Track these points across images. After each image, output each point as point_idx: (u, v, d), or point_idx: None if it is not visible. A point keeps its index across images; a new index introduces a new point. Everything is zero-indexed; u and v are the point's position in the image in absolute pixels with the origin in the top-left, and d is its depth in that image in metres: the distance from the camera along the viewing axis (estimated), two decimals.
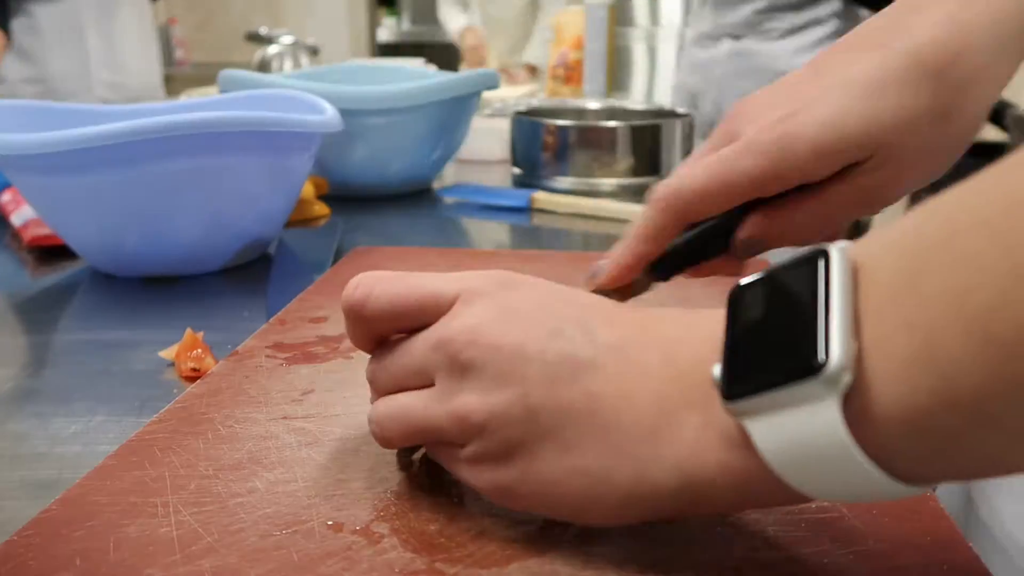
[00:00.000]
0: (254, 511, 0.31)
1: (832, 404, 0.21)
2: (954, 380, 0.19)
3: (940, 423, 0.20)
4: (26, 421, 0.43)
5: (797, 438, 0.22)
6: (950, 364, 0.19)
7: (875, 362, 0.21)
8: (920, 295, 0.20)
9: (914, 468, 0.22)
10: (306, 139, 0.69)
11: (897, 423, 0.21)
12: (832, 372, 0.21)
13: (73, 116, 0.72)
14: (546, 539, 0.29)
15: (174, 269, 0.66)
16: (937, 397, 0.20)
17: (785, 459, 0.23)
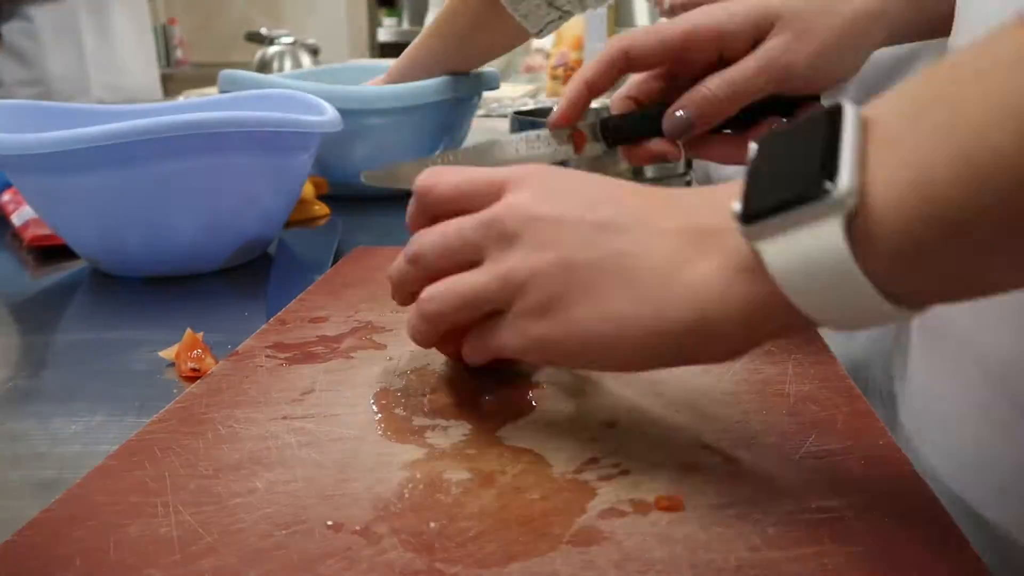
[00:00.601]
0: (254, 511, 0.31)
1: (836, 224, 0.24)
2: (938, 201, 0.22)
3: (925, 240, 0.23)
4: (26, 421, 0.43)
5: (804, 255, 0.25)
6: (936, 187, 0.22)
7: (876, 190, 0.24)
8: (916, 134, 0.24)
9: (903, 286, 0.25)
10: (306, 139, 0.69)
11: (890, 244, 0.24)
12: (840, 195, 0.24)
13: (73, 116, 0.72)
14: (546, 539, 0.29)
15: (174, 269, 0.66)
16: (924, 219, 0.23)
17: (792, 276, 0.26)
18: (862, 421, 0.37)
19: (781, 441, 0.35)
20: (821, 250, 0.25)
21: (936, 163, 0.23)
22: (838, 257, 0.25)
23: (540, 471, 0.33)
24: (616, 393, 0.41)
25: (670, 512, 0.30)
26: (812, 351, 0.45)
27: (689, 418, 0.38)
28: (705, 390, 0.41)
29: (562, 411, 0.39)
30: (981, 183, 0.22)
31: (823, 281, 0.25)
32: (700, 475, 0.33)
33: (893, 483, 0.32)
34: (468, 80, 0.97)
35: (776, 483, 0.32)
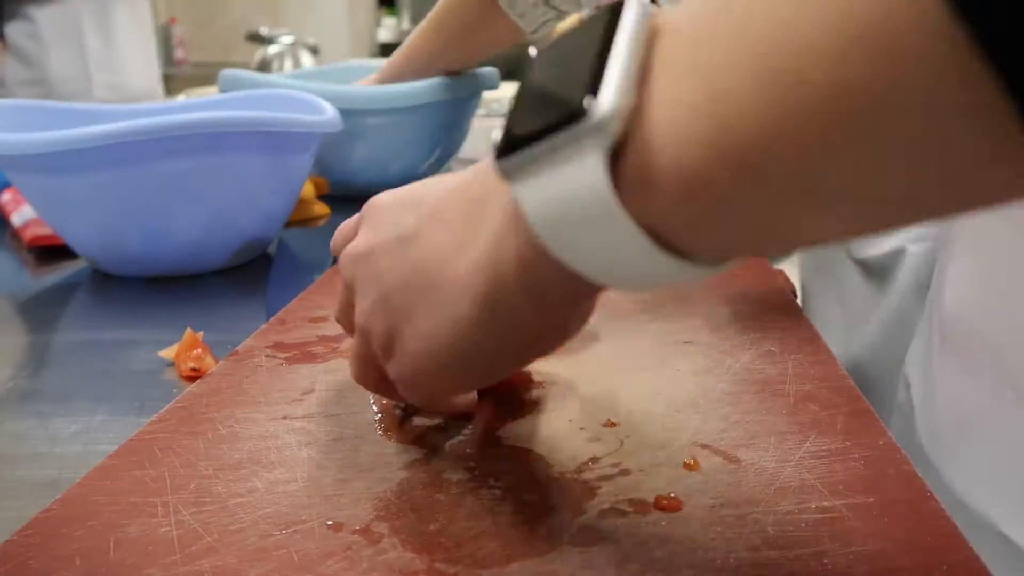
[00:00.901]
0: (254, 511, 0.31)
1: (596, 155, 0.19)
2: (729, 125, 0.18)
3: (712, 180, 0.18)
4: (26, 421, 0.43)
5: (560, 197, 0.20)
6: (727, 105, 0.18)
7: (658, 111, 0.19)
8: (713, 42, 0.18)
9: (687, 239, 0.20)
10: (306, 139, 0.69)
11: (670, 181, 0.19)
12: (599, 118, 0.19)
13: (73, 116, 0.72)
14: (546, 539, 0.29)
15: (174, 269, 0.66)
16: (711, 147, 0.18)
17: (550, 226, 0.21)
18: (862, 421, 0.37)
19: (781, 441, 0.35)
20: (578, 190, 0.20)
21: (725, 73, 0.18)
22: (599, 200, 0.20)
23: (540, 471, 0.33)
24: (616, 393, 0.41)
25: (670, 512, 0.30)
26: (812, 351, 0.45)
27: (689, 418, 0.38)
28: (705, 390, 0.41)
29: (562, 411, 0.39)
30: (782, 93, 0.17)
31: (586, 232, 0.21)
32: (700, 475, 0.33)
33: (893, 483, 0.32)
34: (468, 80, 0.97)
35: (776, 483, 0.32)
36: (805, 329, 0.48)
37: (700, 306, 0.53)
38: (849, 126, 0.16)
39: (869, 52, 0.15)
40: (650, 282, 0.22)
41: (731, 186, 0.18)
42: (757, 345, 0.46)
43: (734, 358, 0.44)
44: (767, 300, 0.53)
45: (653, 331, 0.49)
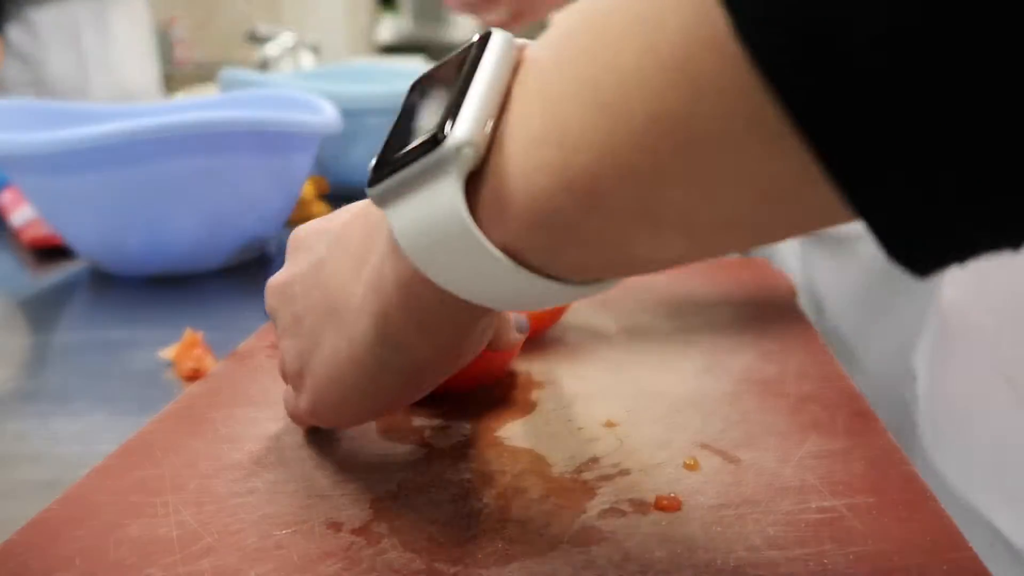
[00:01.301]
0: (254, 511, 0.31)
1: (452, 182, 0.20)
2: (572, 154, 0.18)
3: (559, 206, 0.19)
4: (26, 421, 0.43)
5: (423, 220, 0.21)
6: (569, 136, 0.18)
7: (512, 140, 0.20)
8: (559, 74, 0.19)
9: (545, 260, 0.21)
10: (306, 139, 0.69)
11: (522, 206, 0.20)
12: (451, 144, 0.20)
13: (73, 116, 0.72)
14: (546, 539, 0.29)
15: (174, 269, 0.66)
16: (557, 176, 0.19)
17: (417, 248, 0.22)
18: (862, 421, 0.37)
19: (781, 441, 0.35)
20: (438, 215, 0.21)
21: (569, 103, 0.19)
22: (457, 223, 0.21)
23: (540, 471, 0.33)
24: (616, 393, 0.41)
25: (670, 512, 0.30)
26: (812, 351, 0.45)
27: (689, 418, 0.38)
28: (705, 390, 0.41)
29: (562, 411, 0.39)
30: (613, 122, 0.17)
31: (449, 253, 0.21)
32: (700, 475, 0.33)
33: (893, 483, 0.32)
34: None
35: (776, 483, 0.32)
36: (805, 329, 0.48)
37: (700, 306, 0.53)
38: (669, 154, 0.17)
39: (675, 82, 0.16)
40: (525, 301, 0.23)
41: (576, 212, 0.19)
42: (757, 345, 0.46)
43: (734, 358, 0.44)
44: (767, 300, 0.54)
45: (653, 331, 0.49)
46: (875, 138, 0.14)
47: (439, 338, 0.27)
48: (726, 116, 0.16)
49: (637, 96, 0.17)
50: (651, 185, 0.18)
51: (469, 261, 0.21)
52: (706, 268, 0.60)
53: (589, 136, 0.18)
